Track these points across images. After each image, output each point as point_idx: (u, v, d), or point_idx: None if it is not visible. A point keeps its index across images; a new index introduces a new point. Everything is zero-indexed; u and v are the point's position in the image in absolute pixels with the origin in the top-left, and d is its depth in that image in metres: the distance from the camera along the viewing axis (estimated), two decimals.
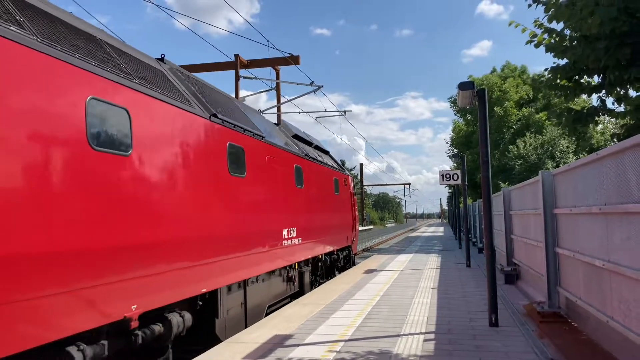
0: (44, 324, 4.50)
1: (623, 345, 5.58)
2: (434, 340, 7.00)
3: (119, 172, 5.53)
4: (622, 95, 7.89)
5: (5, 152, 4.19)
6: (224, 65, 19.91)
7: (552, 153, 31.20)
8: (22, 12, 4.88)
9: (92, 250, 5.01)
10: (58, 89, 4.84)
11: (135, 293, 5.69)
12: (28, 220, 4.31)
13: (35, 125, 4.51)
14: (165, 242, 6.28)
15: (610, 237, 5.55)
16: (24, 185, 4.34)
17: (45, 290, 4.46)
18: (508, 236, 13.24)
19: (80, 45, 5.46)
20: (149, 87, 6.36)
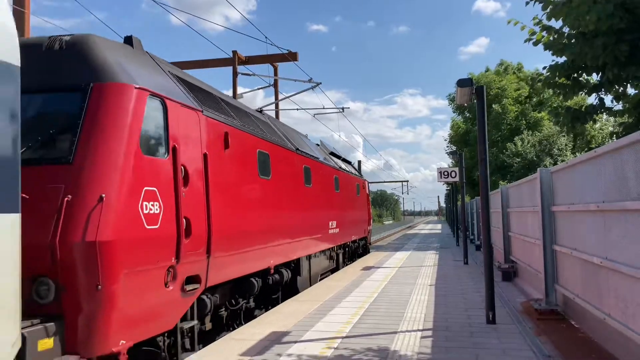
0: (242, 265, 8.22)
1: (620, 342, 5.59)
2: (432, 337, 7.01)
3: (268, 189, 9.61)
4: (620, 93, 7.90)
5: (225, 182, 7.70)
6: (221, 62, 19.87)
7: (550, 151, 31.20)
8: (230, 108, 9.02)
9: (258, 231, 8.95)
10: (248, 148, 8.81)
11: (272, 256, 9.64)
12: (233, 219, 7.84)
13: (237, 167, 8.22)
14: (284, 228, 10.49)
15: (608, 234, 5.55)
16: (232, 199, 7.87)
17: (240, 250, 8.08)
18: (506, 234, 13.26)
19: (251, 123, 9.71)
20: (270, 138, 10.28)
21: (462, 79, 7.98)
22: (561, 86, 8.10)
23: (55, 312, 4.77)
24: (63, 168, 5.08)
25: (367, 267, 16.19)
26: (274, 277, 10.05)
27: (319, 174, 13.95)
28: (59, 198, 4.94)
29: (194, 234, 6.48)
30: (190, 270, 6.44)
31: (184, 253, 6.18)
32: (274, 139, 10.51)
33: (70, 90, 5.46)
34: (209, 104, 7.84)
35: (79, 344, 4.84)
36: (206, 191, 6.98)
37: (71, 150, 5.17)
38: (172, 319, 6.14)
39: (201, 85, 8.38)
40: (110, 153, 5.28)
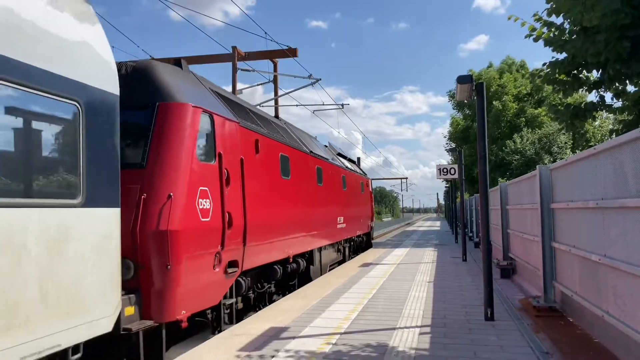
0: (268, 254, 9.50)
1: (618, 339, 5.60)
2: (430, 333, 7.02)
3: (288, 188, 10.89)
4: (620, 91, 7.89)
5: (256, 182, 8.93)
6: (221, 57, 19.79)
7: (549, 148, 31.20)
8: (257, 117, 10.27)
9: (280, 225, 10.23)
10: (273, 153, 10.12)
11: (290, 247, 10.90)
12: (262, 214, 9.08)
13: (264, 169, 9.51)
14: (301, 223, 11.74)
15: (607, 231, 5.55)
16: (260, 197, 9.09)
17: (270, 240, 9.52)
18: (504, 231, 13.26)
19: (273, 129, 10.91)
20: (289, 143, 11.58)
21: (462, 76, 7.96)
22: (561, 82, 8.10)
23: (134, 286, 5.93)
24: (138, 172, 6.29)
25: (365, 263, 16.20)
26: (292, 266, 11.38)
27: (329, 173, 15.42)
28: (136, 196, 6.12)
29: (233, 226, 7.80)
30: (231, 256, 7.78)
31: (227, 241, 7.50)
32: (292, 143, 11.89)
33: (140, 108, 6.62)
34: (243, 115, 9.18)
35: (152, 312, 6.03)
36: (242, 190, 8.29)
37: (144, 157, 6.41)
38: (217, 296, 7.49)
39: (234, 99, 9.86)
40: (175, 160, 6.54)
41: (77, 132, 4.93)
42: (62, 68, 4.78)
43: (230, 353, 6.22)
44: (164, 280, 6.09)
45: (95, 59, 5.25)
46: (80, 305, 4.80)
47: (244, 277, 8.62)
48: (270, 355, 6.10)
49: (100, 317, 5.06)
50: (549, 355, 5.94)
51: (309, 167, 13.03)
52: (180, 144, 6.66)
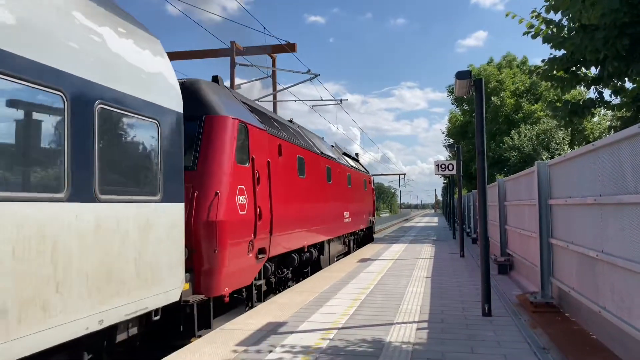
0: (288, 243, 10.87)
1: (615, 335, 5.61)
2: (427, 329, 7.03)
3: (303, 185, 12.34)
4: (619, 87, 7.88)
5: (279, 181, 10.20)
6: (219, 52, 19.76)
7: (547, 144, 31.20)
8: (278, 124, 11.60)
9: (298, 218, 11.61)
10: (292, 155, 11.45)
11: (305, 238, 12.36)
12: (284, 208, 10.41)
13: (284, 170, 10.74)
14: (314, 217, 13.17)
15: (605, 228, 5.56)
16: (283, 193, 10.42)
17: (291, 230, 10.92)
18: (502, 227, 13.28)
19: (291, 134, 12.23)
20: (304, 145, 13.05)
21: (461, 71, 7.96)
22: (559, 79, 8.09)
23: (188, 267, 7.06)
24: (190, 173, 7.46)
25: (364, 259, 16.21)
26: (306, 255, 12.75)
27: (336, 172, 16.87)
28: (190, 193, 7.31)
29: (263, 218, 9.18)
30: (261, 244, 9.19)
31: (258, 232, 8.92)
32: (306, 145, 13.34)
33: (189, 120, 7.56)
34: (268, 123, 10.60)
35: (203, 288, 7.34)
36: (269, 188, 9.68)
37: (194, 161, 7.70)
38: (250, 278, 8.91)
39: (260, 109, 11.27)
40: (219, 163, 7.88)
41: (157, 145, 6.27)
42: (147, 95, 6.09)
43: (227, 348, 6.22)
44: (212, 262, 7.44)
45: (167, 86, 6.60)
46: (159, 279, 6.13)
47: (269, 263, 10.05)
48: (267, 350, 6.10)
49: (171, 288, 6.40)
50: (546, 350, 5.96)
51: (320, 167, 14.53)
52: (223, 150, 8.04)
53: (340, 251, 18.28)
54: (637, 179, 4.63)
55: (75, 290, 4.81)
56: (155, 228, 6.08)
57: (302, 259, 12.42)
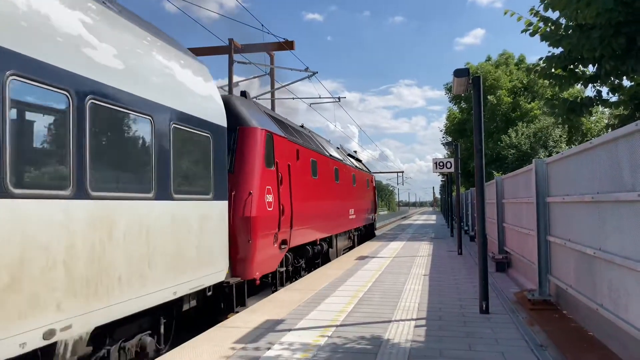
0: (304, 236, 12.23)
1: (612, 332, 5.63)
2: (425, 326, 7.05)
3: (316, 185, 13.72)
4: (616, 86, 7.89)
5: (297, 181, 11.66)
6: (217, 50, 19.73)
7: (545, 142, 31.25)
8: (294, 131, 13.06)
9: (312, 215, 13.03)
10: (307, 158, 12.84)
11: (317, 232, 13.84)
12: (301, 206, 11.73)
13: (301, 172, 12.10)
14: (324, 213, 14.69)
15: (602, 225, 5.57)
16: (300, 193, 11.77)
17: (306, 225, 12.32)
18: (500, 224, 13.30)
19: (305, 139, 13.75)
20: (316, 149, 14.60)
21: (459, 69, 7.96)
22: (557, 77, 8.10)
23: None
24: (228, 175, 8.58)
25: (361, 256, 16.23)
26: (318, 247, 14.31)
27: (343, 172, 18.52)
28: (228, 192, 8.52)
29: (285, 214, 10.66)
30: (283, 236, 10.66)
31: (281, 226, 10.40)
32: (317, 149, 14.93)
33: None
34: (287, 131, 12.15)
35: (239, 272, 8.81)
36: (289, 188, 11.11)
37: (231, 166, 9.06)
38: (275, 265, 10.49)
39: (280, 118, 13.06)
40: (251, 167, 9.32)
41: (209, 155, 7.72)
42: (204, 114, 7.57)
43: (225, 345, 6.23)
44: (246, 251, 8.87)
45: (215, 106, 8.07)
46: (211, 261, 7.61)
47: (289, 253, 11.63)
48: (265, 347, 6.11)
49: (220, 270, 7.91)
50: (544, 348, 5.97)
51: (329, 168, 16.16)
52: (254, 156, 9.48)
53: (346, 245, 19.79)
54: (635, 177, 4.64)
55: (160, 267, 6.22)
56: (209, 220, 7.63)
57: (314, 251, 13.95)
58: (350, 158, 23.38)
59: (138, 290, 5.76)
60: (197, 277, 7.16)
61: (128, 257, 5.61)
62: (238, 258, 8.77)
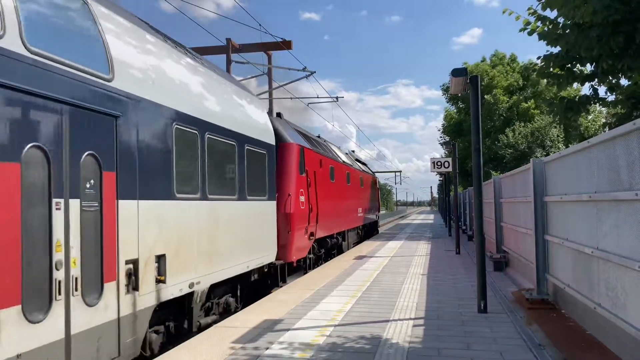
0: (325, 230, 15.17)
1: (610, 331, 5.64)
2: (424, 325, 7.05)
3: (333, 188, 16.54)
4: (614, 84, 7.90)
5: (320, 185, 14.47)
6: (215, 50, 19.70)
7: (542, 142, 31.31)
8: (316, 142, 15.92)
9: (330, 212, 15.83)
10: (326, 165, 15.73)
11: (334, 227, 16.65)
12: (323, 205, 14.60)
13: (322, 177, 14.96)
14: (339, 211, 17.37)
15: (600, 224, 5.58)
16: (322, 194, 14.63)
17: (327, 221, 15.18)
18: (498, 224, 13.32)
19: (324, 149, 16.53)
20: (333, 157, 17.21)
21: (457, 69, 7.96)
22: (555, 76, 8.10)
23: None
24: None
25: (360, 256, 16.23)
26: (334, 240, 17.11)
27: (353, 175, 21.39)
28: None
29: (312, 212, 13.23)
30: (311, 229, 13.21)
31: (310, 221, 12.98)
32: (334, 157, 17.74)
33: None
34: (312, 143, 14.69)
35: (281, 256, 11.13)
36: (315, 190, 13.72)
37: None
38: (306, 252, 12.97)
39: (306, 132, 15.58)
40: (290, 174, 11.79)
41: (265, 166, 10.34)
42: (262, 137, 10.21)
43: (224, 345, 6.22)
44: (287, 239, 11.34)
45: (268, 129, 10.73)
46: (266, 246, 10.24)
47: (315, 244, 14.16)
48: (264, 347, 6.11)
49: (271, 253, 10.59)
50: (542, 347, 5.98)
51: (343, 173, 18.96)
52: (291, 166, 11.99)
53: (355, 240, 22.76)
54: (632, 176, 4.65)
55: (240, 247, 8.86)
56: (265, 215, 10.27)
57: (332, 243, 16.85)
58: (358, 162, 27.03)
59: (230, 262, 8.44)
60: (259, 257, 9.92)
61: (225, 238, 8.26)
62: (280, 245, 11.07)
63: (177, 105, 6.87)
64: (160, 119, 6.48)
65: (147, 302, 6.06)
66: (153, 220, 6.23)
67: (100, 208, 5.30)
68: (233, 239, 8.49)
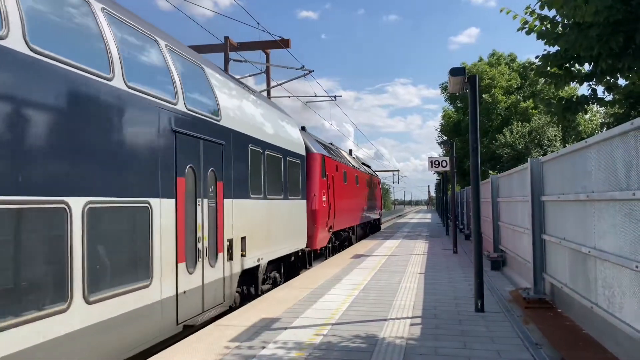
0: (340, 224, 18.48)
1: (606, 330, 5.65)
2: (421, 324, 7.05)
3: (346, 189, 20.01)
4: (612, 84, 7.90)
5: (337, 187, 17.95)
6: (213, 48, 19.66)
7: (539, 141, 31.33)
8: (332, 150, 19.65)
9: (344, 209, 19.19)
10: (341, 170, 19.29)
11: (346, 222, 19.84)
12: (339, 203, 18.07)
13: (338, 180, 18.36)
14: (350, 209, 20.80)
15: (597, 224, 5.58)
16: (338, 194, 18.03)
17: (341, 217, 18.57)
18: (495, 223, 13.32)
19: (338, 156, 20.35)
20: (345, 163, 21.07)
21: (455, 68, 7.95)
22: (553, 75, 8.10)
23: None
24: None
25: (357, 255, 16.24)
26: (345, 233, 20.14)
27: (360, 178, 24.62)
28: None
29: (331, 209, 15.98)
30: (330, 223, 15.94)
31: (329, 216, 15.68)
32: (346, 162, 20.98)
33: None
34: (330, 152, 17.59)
35: (308, 244, 14.02)
36: (333, 191, 16.45)
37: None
38: (326, 242, 15.80)
39: (325, 142, 18.94)
40: (315, 179, 14.65)
41: (299, 172, 13.05)
42: (297, 149, 12.98)
43: (220, 344, 6.21)
44: (313, 230, 14.18)
45: (300, 143, 13.51)
46: (300, 236, 12.93)
47: (332, 235, 17.06)
48: (260, 346, 6.10)
49: (303, 241, 13.22)
50: (539, 346, 5.99)
51: (352, 176, 21.98)
52: (316, 172, 14.81)
53: (361, 234, 25.81)
54: (629, 176, 4.65)
55: (284, 234, 11.47)
56: (299, 211, 13.08)
57: (344, 236, 20.00)
58: (364, 166, 31.25)
59: (279, 246, 11.26)
60: (296, 243, 12.79)
61: (276, 228, 11.03)
62: (308, 235, 13.84)
63: (250, 132, 9.79)
64: (243, 144, 9.36)
65: (236, 269, 8.91)
66: (239, 213, 8.99)
67: (216, 204, 8.10)
68: (281, 229, 11.41)
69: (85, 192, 5.11)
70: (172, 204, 6.71)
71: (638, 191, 4.44)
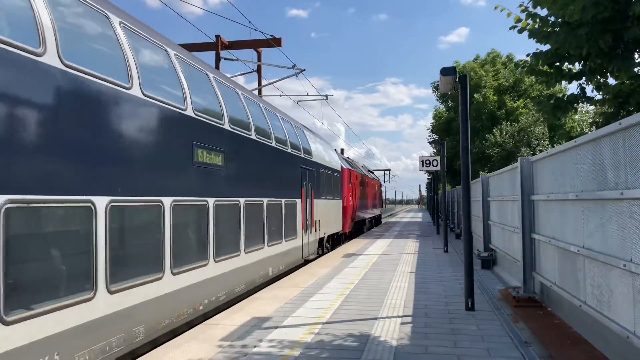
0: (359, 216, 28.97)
1: (595, 329, 5.69)
2: (411, 323, 7.08)
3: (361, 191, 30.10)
4: (601, 83, 7.95)
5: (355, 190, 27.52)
6: (204, 46, 19.58)
7: (528, 140, 31.49)
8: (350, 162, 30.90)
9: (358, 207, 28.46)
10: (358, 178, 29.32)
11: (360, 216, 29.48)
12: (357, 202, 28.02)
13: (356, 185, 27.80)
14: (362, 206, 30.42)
15: (586, 223, 5.63)
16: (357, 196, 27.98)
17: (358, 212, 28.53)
18: (485, 222, 13.39)
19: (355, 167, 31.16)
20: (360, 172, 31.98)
21: (446, 68, 7.98)
22: (544, 74, 8.13)
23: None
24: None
25: (348, 254, 16.26)
26: (359, 225, 27.52)
27: (369, 183, 32.86)
28: None
29: (353, 206, 25.45)
30: (352, 216, 25.11)
31: (353, 211, 25.32)
32: (360, 171, 29.67)
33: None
34: (351, 165, 27.40)
35: (343, 229, 22.69)
36: (354, 193, 25.32)
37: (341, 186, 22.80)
38: (350, 228, 24.68)
39: (347, 159, 30.05)
40: (345, 185, 23.24)
41: (337, 181, 21.43)
42: (336, 167, 21.20)
43: (212, 342, 6.20)
44: (345, 220, 22.41)
45: (336, 160, 21.76)
46: (337, 224, 20.95)
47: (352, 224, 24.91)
48: (252, 344, 6.09)
49: (340, 227, 21.70)
50: (528, 344, 6.03)
51: (365, 182, 30.26)
52: (346, 181, 23.05)
53: (369, 226, 33.27)
54: (618, 175, 4.69)
55: (333, 221, 19.87)
56: (338, 207, 21.01)
57: (358, 227, 26.54)
58: (369, 171, 40.42)
59: (330, 227, 19.04)
60: (337, 227, 20.38)
61: (330, 216, 18.97)
62: (342, 223, 21.15)
63: (320, 160, 17.07)
64: (318, 168, 16.59)
65: (318, 237, 16.50)
66: (316, 207, 16.00)
67: (311, 202, 15.41)
68: (332, 217, 19.17)
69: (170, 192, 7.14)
70: (300, 202, 14.25)
71: (626, 190, 4.48)
